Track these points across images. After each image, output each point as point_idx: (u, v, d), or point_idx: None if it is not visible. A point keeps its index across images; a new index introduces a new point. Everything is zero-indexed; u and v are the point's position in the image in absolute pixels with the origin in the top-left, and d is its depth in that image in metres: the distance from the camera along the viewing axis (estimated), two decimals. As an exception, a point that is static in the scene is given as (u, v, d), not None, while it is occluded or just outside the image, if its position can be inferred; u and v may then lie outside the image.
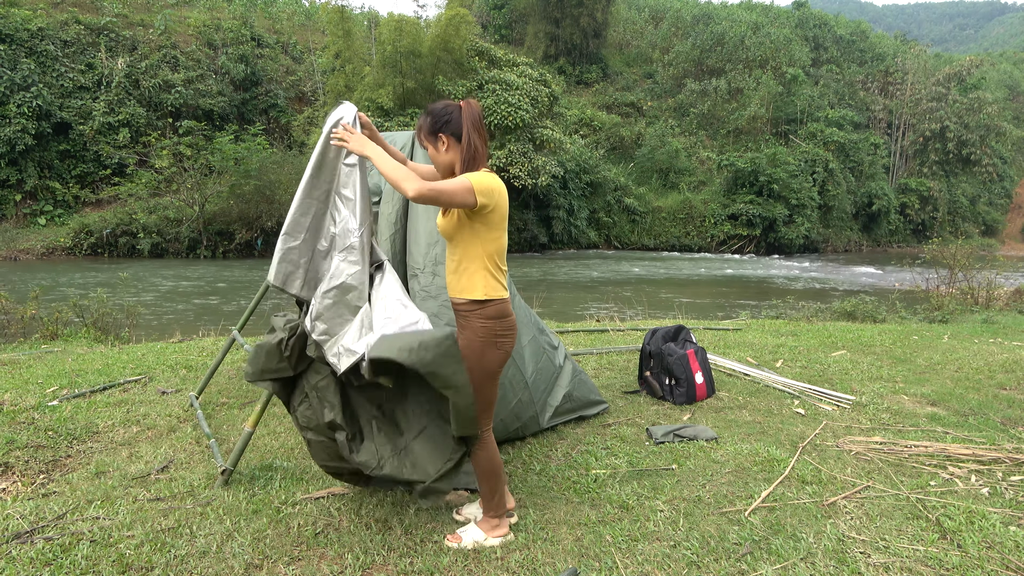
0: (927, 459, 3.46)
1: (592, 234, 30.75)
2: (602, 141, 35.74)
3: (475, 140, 2.33)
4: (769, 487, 3.07)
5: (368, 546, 2.53)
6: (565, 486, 3.09)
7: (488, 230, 2.33)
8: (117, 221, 21.37)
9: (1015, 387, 5.06)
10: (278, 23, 33.15)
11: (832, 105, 40.64)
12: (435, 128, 2.36)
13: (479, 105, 2.40)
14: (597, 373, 5.21)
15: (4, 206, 21.86)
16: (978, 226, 43.18)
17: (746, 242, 32.32)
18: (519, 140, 24.49)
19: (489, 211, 2.30)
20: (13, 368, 5.14)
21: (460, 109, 2.35)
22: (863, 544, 2.58)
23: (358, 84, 24.51)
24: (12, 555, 2.40)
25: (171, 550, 2.46)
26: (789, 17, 47.50)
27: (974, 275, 12.03)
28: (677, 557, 2.48)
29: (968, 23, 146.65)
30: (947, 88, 41.35)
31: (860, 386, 4.95)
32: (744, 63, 40.01)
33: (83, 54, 24.60)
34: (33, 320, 7.83)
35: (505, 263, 2.46)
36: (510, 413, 3.44)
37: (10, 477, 3.13)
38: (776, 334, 7.15)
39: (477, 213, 2.28)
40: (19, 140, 21.38)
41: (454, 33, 24.26)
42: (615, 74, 43.43)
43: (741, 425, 4.01)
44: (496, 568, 2.40)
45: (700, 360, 4.53)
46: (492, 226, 2.33)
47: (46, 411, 3.96)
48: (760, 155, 32.63)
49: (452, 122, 2.34)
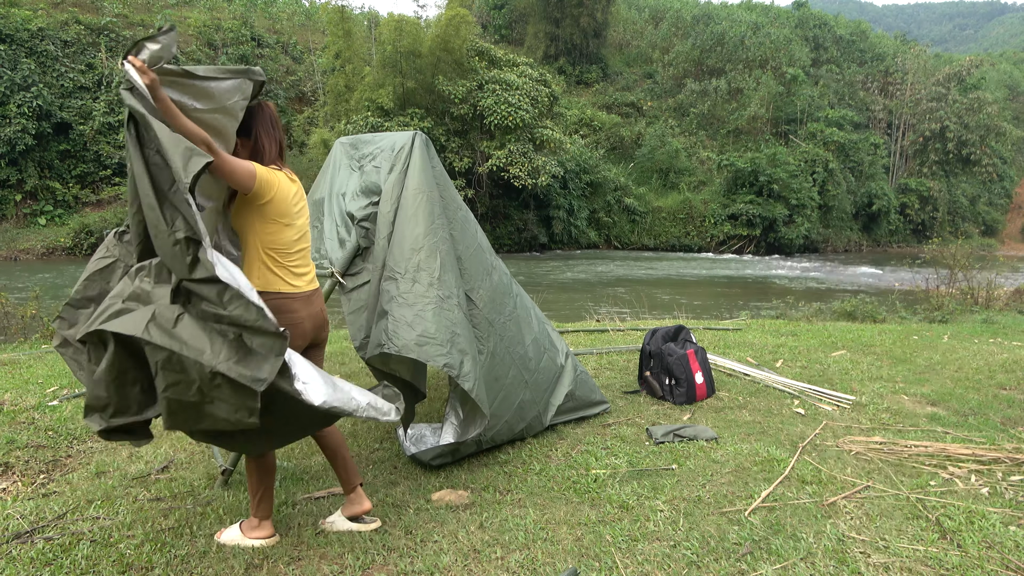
0: (927, 459, 3.46)
1: (592, 234, 30.75)
2: (602, 141, 35.73)
3: (263, 140, 2.48)
4: (769, 487, 3.07)
5: (368, 546, 2.53)
6: (565, 486, 3.09)
7: (263, 223, 2.42)
8: (117, 221, 21.36)
9: (1015, 387, 5.06)
10: (278, 23, 33.16)
11: (832, 105, 40.63)
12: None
13: (272, 107, 2.56)
14: (597, 373, 5.21)
15: (4, 206, 21.86)
16: (978, 226, 43.17)
17: (746, 242, 32.32)
18: (519, 140, 24.49)
19: (264, 202, 2.39)
20: (13, 368, 5.14)
21: (250, 112, 2.48)
22: (863, 544, 2.58)
23: (358, 84, 24.51)
24: (12, 555, 2.40)
25: (171, 550, 2.47)
26: (789, 17, 47.50)
27: (974, 275, 12.02)
28: (677, 557, 2.48)
29: (968, 23, 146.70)
30: (947, 88, 41.33)
31: (860, 386, 4.95)
32: (744, 63, 40.00)
33: (83, 54, 24.62)
34: (33, 320, 7.82)
35: (296, 259, 2.50)
36: (514, 414, 3.42)
37: (10, 477, 3.13)
38: (776, 334, 7.15)
39: (252, 202, 2.39)
40: (19, 140, 21.39)
41: (454, 33, 24.25)
42: (615, 74, 43.43)
43: (741, 425, 4.01)
44: (496, 568, 2.40)
45: (700, 360, 4.53)
46: (267, 219, 2.42)
47: (46, 411, 3.96)
48: (760, 155, 32.64)
49: (242, 126, 2.49)
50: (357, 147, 3.65)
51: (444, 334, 2.91)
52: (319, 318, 2.61)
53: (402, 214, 3.21)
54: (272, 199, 2.41)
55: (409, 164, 3.32)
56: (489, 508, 2.86)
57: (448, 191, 3.49)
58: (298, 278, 2.51)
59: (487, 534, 2.63)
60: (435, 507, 2.87)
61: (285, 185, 2.45)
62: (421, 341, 2.86)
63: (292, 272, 2.49)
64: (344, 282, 3.32)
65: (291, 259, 2.49)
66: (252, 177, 2.32)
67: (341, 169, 3.68)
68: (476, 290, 3.35)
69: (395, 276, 3.04)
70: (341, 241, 3.43)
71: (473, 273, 3.38)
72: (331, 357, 5.69)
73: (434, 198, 3.30)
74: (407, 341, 2.85)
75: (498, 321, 3.43)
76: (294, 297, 2.48)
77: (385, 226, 3.25)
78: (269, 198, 2.40)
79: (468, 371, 2.95)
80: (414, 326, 2.89)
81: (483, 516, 2.78)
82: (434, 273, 3.03)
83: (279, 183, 2.43)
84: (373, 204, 3.34)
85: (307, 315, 2.52)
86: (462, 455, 3.32)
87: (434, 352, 2.86)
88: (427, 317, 2.91)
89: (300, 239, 2.53)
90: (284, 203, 2.44)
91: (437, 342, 2.87)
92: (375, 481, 3.16)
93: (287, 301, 2.46)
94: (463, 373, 2.93)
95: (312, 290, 2.59)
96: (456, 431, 3.35)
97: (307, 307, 2.53)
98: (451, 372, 2.91)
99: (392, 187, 3.28)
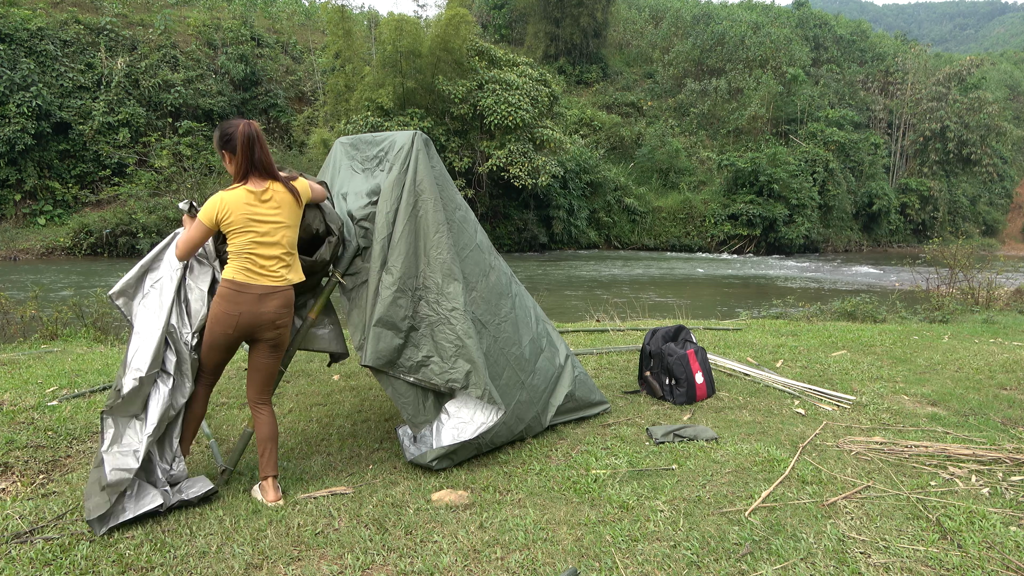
0: (927, 459, 3.46)
1: (592, 234, 30.75)
2: (602, 141, 35.71)
3: (241, 158, 2.76)
4: (769, 487, 3.07)
5: (368, 546, 2.52)
6: (565, 486, 3.09)
7: (224, 231, 2.78)
8: (117, 221, 21.36)
9: (1015, 387, 5.06)
10: (278, 23, 33.14)
11: (832, 105, 40.63)
12: (220, 144, 2.80)
13: (257, 126, 2.81)
14: (597, 373, 5.20)
15: (4, 206, 21.84)
16: (978, 226, 43.17)
17: (746, 242, 32.32)
18: (519, 140, 24.47)
19: (227, 223, 2.74)
20: (13, 368, 5.14)
21: (238, 129, 2.76)
22: (863, 544, 2.58)
23: (358, 84, 24.50)
24: (12, 555, 2.39)
25: (171, 550, 2.46)
26: (789, 17, 47.47)
27: (974, 275, 12.01)
28: (677, 557, 2.47)
29: (968, 23, 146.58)
30: (947, 88, 41.33)
31: (860, 386, 4.95)
32: (744, 63, 39.97)
33: (83, 54, 24.59)
34: (33, 320, 7.81)
35: (255, 258, 2.78)
36: (511, 414, 3.41)
37: (10, 477, 3.13)
38: (776, 334, 7.15)
39: (223, 231, 2.77)
40: (19, 140, 21.37)
41: (454, 33, 24.23)
42: (615, 74, 43.41)
43: (741, 425, 4.01)
44: (496, 568, 2.39)
45: (700, 360, 4.53)
46: (225, 229, 2.77)
47: (46, 411, 3.95)
48: (760, 155, 32.62)
49: (231, 141, 2.76)
50: (358, 147, 3.64)
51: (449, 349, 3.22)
52: (262, 317, 2.80)
53: (423, 231, 3.29)
54: (225, 221, 2.74)
55: (409, 164, 3.32)
56: (489, 508, 2.86)
57: (448, 191, 3.49)
58: (253, 275, 2.77)
59: (487, 534, 2.63)
60: (435, 507, 2.86)
61: (231, 203, 2.73)
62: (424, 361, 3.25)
63: (249, 269, 2.77)
64: (344, 282, 3.32)
65: (249, 258, 2.76)
66: (201, 225, 2.73)
67: (341, 169, 3.68)
68: (471, 291, 3.36)
69: (421, 294, 3.28)
70: (341, 241, 3.42)
71: (468, 274, 3.39)
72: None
73: (434, 198, 3.31)
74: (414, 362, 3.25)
75: (492, 323, 3.44)
76: (241, 289, 2.75)
77: (384, 227, 3.25)
78: (226, 219, 2.74)
79: (476, 381, 3.19)
80: (420, 348, 3.26)
81: (483, 516, 2.78)
82: (444, 289, 3.28)
83: (225, 205, 2.72)
84: (372, 204, 3.33)
85: (247, 310, 2.76)
86: (461, 458, 3.32)
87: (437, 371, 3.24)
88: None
89: (259, 241, 2.76)
90: (230, 217, 2.73)
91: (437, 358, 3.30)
92: (375, 481, 3.16)
93: (231, 291, 2.76)
94: (471, 384, 3.19)
95: (270, 289, 2.79)
96: (453, 431, 3.34)
97: (252, 303, 2.76)
98: (455, 386, 3.21)
99: (392, 187, 3.28)
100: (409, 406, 3.28)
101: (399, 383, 3.27)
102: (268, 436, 2.93)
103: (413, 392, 3.29)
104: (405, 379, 3.25)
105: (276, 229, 2.80)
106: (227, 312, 2.76)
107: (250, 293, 2.76)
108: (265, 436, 2.93)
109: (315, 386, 4.81)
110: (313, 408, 4.29)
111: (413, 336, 3.26)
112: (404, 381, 3.26)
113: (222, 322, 2.77)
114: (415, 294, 3.26)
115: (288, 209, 2.85)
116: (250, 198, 2.76)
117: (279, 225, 2.81)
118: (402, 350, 3.23)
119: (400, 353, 3.22)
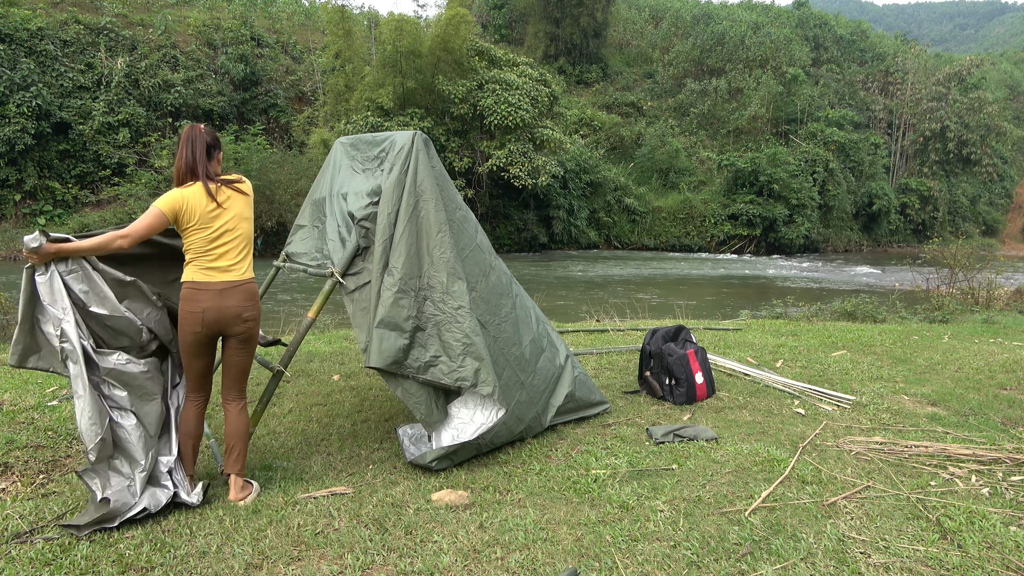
0: (927, 459, 3.46)
1: (592, 234, 30.74)
2: (602, 141, 35.71)
3: (190, 157, 2.83)
4: (769, 487, 3.07)
5: (368, 546, 2.52)
6: (565, 486, 3.09)
7: (179, 229, 2.84)
8: (117, 221, 21.34)
9: (1015, 387, 5.06)
10: (278, 23, 33.12)
11: (832, 105, 40.61)
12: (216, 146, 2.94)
13: (192, 129, 2.86)
14: (597, 373, 5.21)
15: (4, 206, 21.83)
16: (978, 226, 43.17)
17: (746, 242, 32.32)
18: (519, 140, 24.46)
19: (186, 218, 2.78)
20: (12, 368, 5.13)
21: (183, 131, 2.88)
22: (863, 544, 2.58)
23: (358, 84, 24.49)
24: (12, 555, 2.39)
25: (171, 550, 2.46)
26: (789, 17, 47.47)
27: (974, 275, 12.02)
28: (677, 557, 2.48)
29: (968, 23, 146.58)
30: (947, 88, 41.33)
31: (860, 386, 4.95)
32: (744, 63, 39.97)
33: (83, 54, 24.57)
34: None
35: (212, 256, 2.82)
36: (511, 414, 3.40)
37: (10, 477, 3.13)
38: (776, 334, 7.15)
39: (181, 226, 2.82)
40: (19, 140, 21.36)
41: (454, 33, 24.22)
42: (615, 74, 43.40)
43: (741, 425, 4.01)
44: (496, 568, 2.39)
45: (700, 360, 4.53)
46: (180, 227, 2.83)
47: (46, 411, 3.95)
48: (760, 155, 32.61)
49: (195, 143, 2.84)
50: (358, 147, 3.64)
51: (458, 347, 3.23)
52: (227, 311, 2.83)
53: (409, 227, 3.27)
54: (184, 216, 2.78)
55: (409, 165, 3.32)
56: (489, 508, 2.86)
57: (448, 191, 3.49)
58: (212, 272, 2.82)
59: (487, 534, 2.63)
60: (435, 507, 2.86)
61: (191, 199, 2.79)
62: (433, 361, 3.25)
63: (206, 267, 2.82)
64: (344, 282, 3.32)
65: (206, 257, 2.82)
66: (160, 214, 2.75)
67: (342, 169, 3.68)
68: (471, 291, 3.36)
69: (426, 295, 3.28)
70: (342, 241, 3.43)
71: (469, 274, 3.38)
72: (331, 357, 5.69)
73: (435, 198, 3.31)
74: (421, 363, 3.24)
75: (492, 323, 3.44)
76: (200, 288, 2.80)
77: (386, 228, 3.25)
78: (185, 217, 2.79)
79: (486, 378, 3.20)
80: (427, 348, 3.25)
81: (483, 516, 2.78)
82: (448, 288, 3.28)
83: (185, 199, 2.78)
84: (374, 204, 3.33)
85: (210, 306, 2.80)
86: (461, 458, 3.32)
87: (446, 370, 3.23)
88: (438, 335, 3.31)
89: (217, 239, 2.82)
90: (189, 212, 2.78)
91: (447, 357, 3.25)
92: (375, 481, 3.16)
93: (191, 291, 2.81)
94: (480, 381, 3.19)
95: (230, 284, 2.83)
96: (453, 432, 3.34)
97: (214, 299, 2.81)
98: (464, 384, 3.21)
99: (392, 188, 3.28)
100: (422, 406, 3.25)
101: (409, 383, 3.24)
102: (233, 432, 2.95)
103: (424, 392, 3.26)
104: (416, 378, 3.25)
105: (235, 222, 2.86)
106: (190, 311, 2.80)
107: (210, 290, 2.81)
108: (231, 432, 2.96)
109: (315, 386, 4.81)
110: (313, 408, 4.29)
111: (420, 336, 3.24)
112: (415, 380, 3.25)
113: (188, 321, 2.81)
114: (419, 294, 3.25)
115: (242, 202, 2.91)
116: (207, 195, 2.82)
117: (237, 218, 2.87)
118: (408, 351, 3.21)
119: (407, 354, 3.20)
